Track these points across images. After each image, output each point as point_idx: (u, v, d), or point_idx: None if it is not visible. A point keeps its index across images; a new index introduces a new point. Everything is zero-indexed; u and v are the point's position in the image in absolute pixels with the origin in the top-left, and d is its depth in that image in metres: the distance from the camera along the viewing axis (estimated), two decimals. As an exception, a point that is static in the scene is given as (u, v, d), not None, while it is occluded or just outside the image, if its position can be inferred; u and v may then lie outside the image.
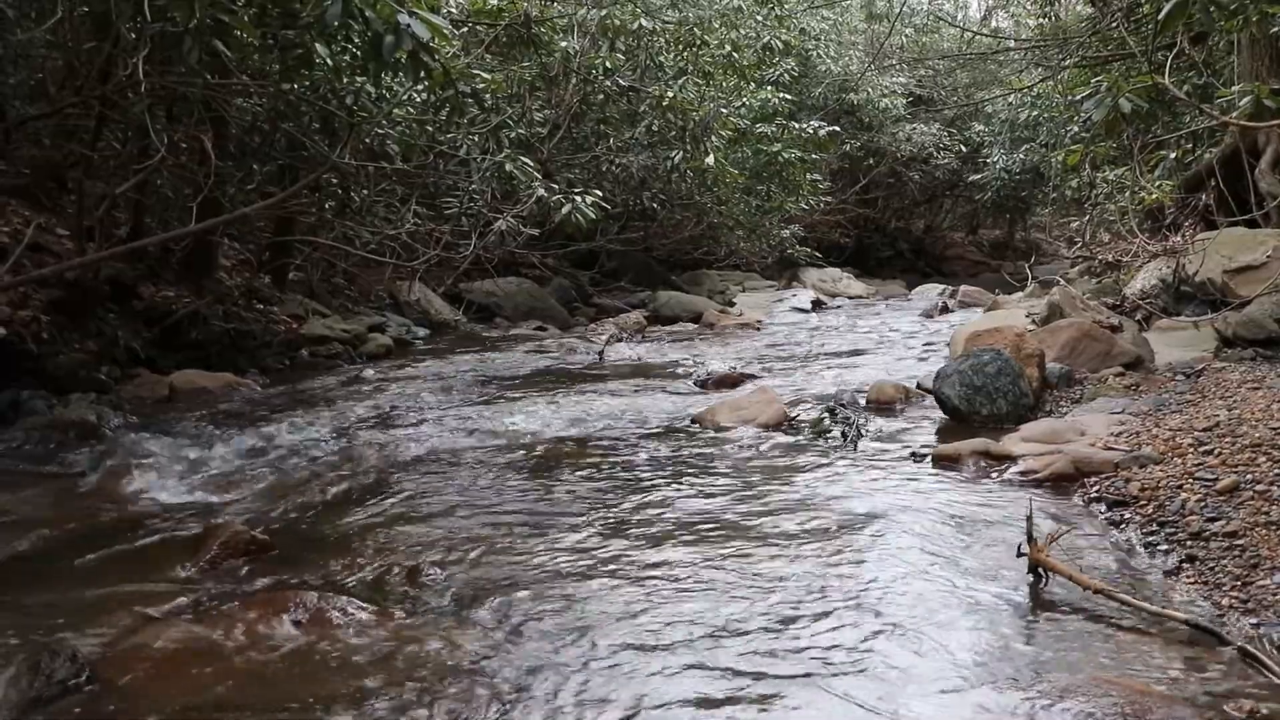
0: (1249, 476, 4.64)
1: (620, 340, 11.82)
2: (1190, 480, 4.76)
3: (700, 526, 4.77)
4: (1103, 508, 4.82)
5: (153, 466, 5.83)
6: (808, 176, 18.05)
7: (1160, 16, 5.74)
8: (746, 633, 3.53)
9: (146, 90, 7.27)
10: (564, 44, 13.15)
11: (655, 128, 14.25)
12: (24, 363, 7.09)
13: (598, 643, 3.49)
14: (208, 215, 8.15)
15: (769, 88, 16.76)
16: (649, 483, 5.56)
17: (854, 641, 3.46)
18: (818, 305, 16.51)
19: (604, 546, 4.52)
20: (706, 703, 3.08)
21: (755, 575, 4.09)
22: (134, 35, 6.79)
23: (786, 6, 18.23)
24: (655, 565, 4.25)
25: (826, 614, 3.68)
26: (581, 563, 4.32)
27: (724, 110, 14.63)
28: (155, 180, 8.86)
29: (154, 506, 5.29)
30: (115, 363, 7.90)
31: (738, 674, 3.24)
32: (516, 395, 8.11)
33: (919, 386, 7.62)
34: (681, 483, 5.54)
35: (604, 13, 13.29)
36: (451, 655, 3.43)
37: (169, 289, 8.98)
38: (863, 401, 7.51)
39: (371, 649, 3.48)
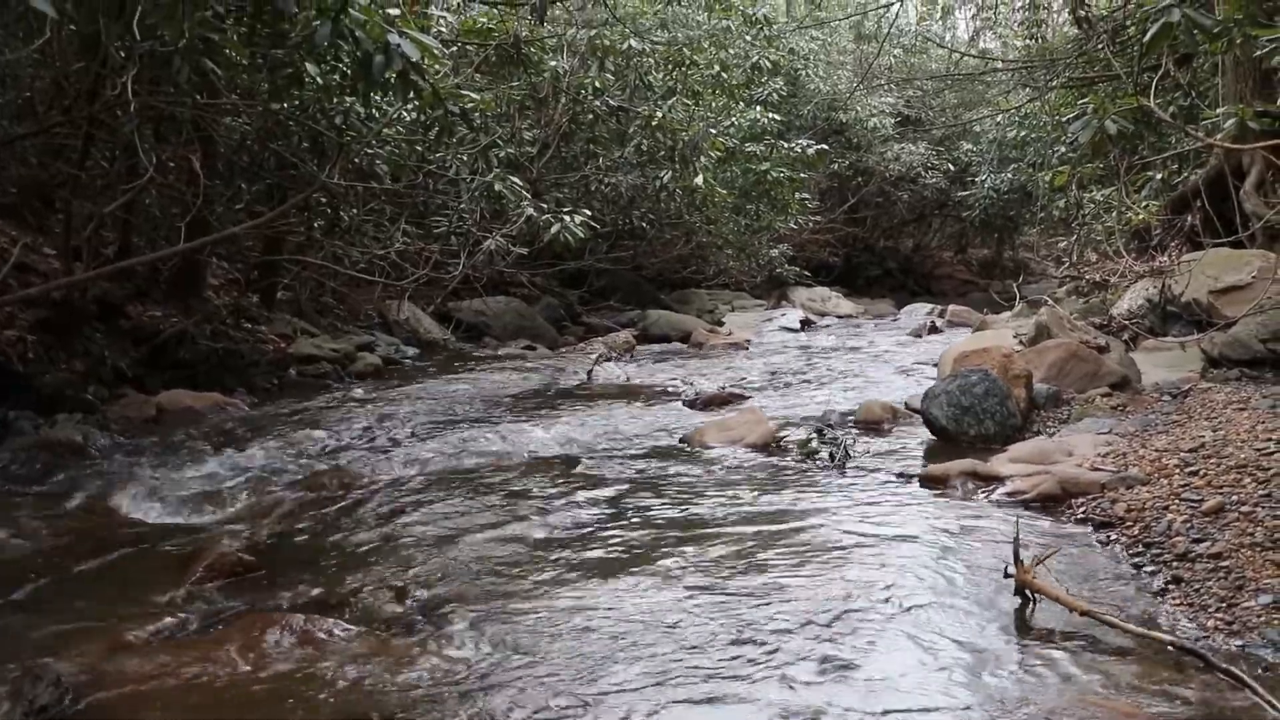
0: (1234, 498, 4.66)
1: (609, 360, 11.81)
2: (1176, 501, 4.77)
3: (687, 548, 4.76)
4: (1089, 529, 4.84)
5: (139, 487, 5.81)
6: (796, 195, 18.07)
7: (1145, 39, 5.77)
8: (729, 653, 3.53)
9: (135, 109, 7.27)
10: (553, 64, 13.19)
11: (644, 147, 14.29)
12: (10, 382, 7.07)
13: (587, 664, 3.49)
14: (196, 235, 8.14)
15: (758, 107, 16.81)
16: (637, 504, 5.55)
17: (837, 661, 3.45)
18: (806, 324, 16.53)
19: (592, 567, 4.52)
20: (693, 726, 3.08)
21: (741, 597, 4.08)
22: (122, 54, 6.79)
23: (775, 27, 18.30)
24: (642, 588, 4.24)
25: (810, 635, 3.68)
26: (569, 584, 4.31)
27: (713, 130, 14.66)
28: (143, 199, 8.85)
29: (140, 527, 5.28)
30: (102, 382, 7.87)
31: (717, 695, 3.23)
32: (505, 415, 8.11)
33: (907, 406, 7.63)
34: (669, 504, 5.54)
35: (593, 33, 13.33)
36: (439, 677, 3.42)
37: (157, 308, 8.97)
38: (851, 421, 7.52)
39: (358, 671, 3.47)
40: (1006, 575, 4.04)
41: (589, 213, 9.79)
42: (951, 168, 24.24)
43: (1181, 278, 9.16)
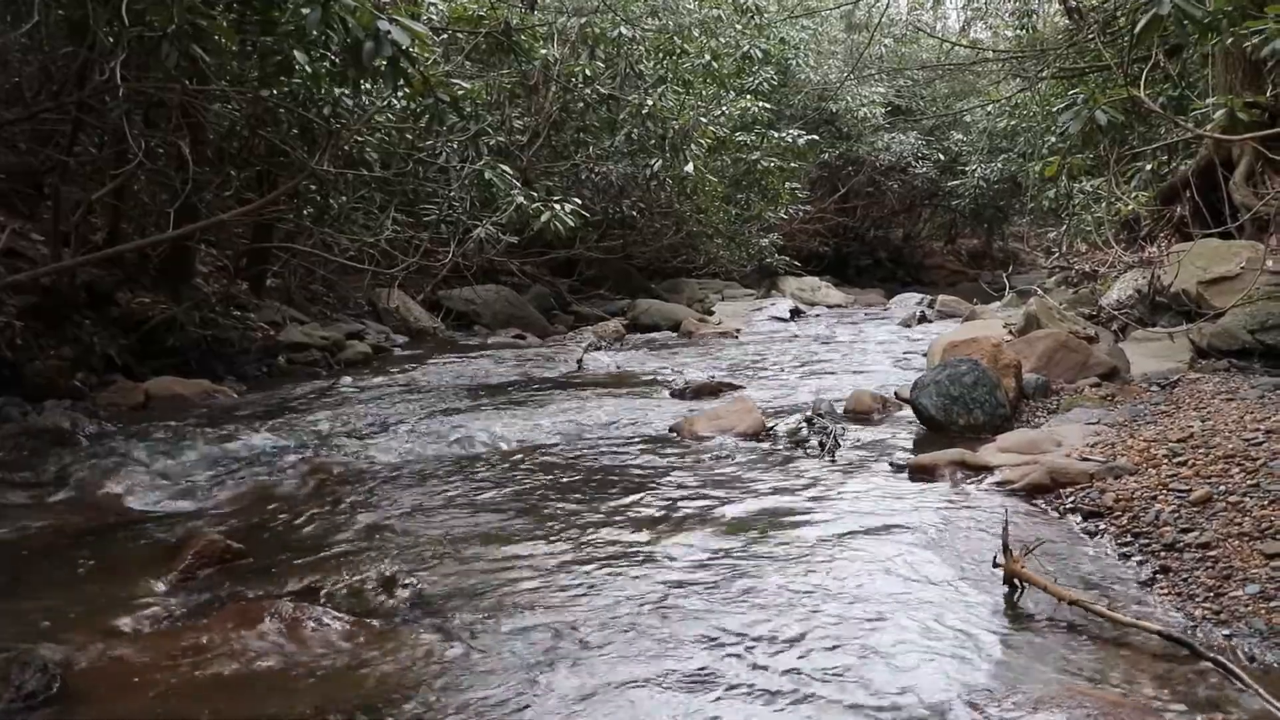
0: (1222, 488, 4.67)
1: (599, 348, 11.82)
2: (1164, 491, 4.79)
3: (677, 537, 4.77)
4: (1078, 518, 4.85)
5: (127, 474, 5.80)
6: (787, 185, 18.10)
7: (1136, 30, 5.79)
8: (716, 646, 3.53)
9: (123, 95, 7.24)
10: (544, 51, 13.15)
11: (635, 136, 14.24)
12: (-2, 369, 7.06)
13: (574, 652, 3.49)
14: (185, 221, 8.11)
15: (748, 96, 16.79)
16: (626, 493, 5.55)
17: (825, 653, 3.46)
18: (796, 314, 16.53)
19: (582, 556, 4.52)
20: (681, 716, 3.08)
21: (729, 586, 4.09)
22: (111, 40, 6.76)
23: (766, 16, 18.28)
24: (632, 577, 4.25)
25: (798, 626, 3.68)
26: (557, 572, 4.31)
27: (703, 119, 14.65)
28: (132, 186, 8.82)
29: (128, 515, 5.27)
30: (91, 369, 7.85)
31: (706, 688, 3.24)
32: (494, 404, 8.10)
33: (896, 396, 7.64)
34: (658, 493, 5.54)
35: (584, 20, 13.30)
36: (428, 665, 3.42)
37: (146, 295, 8.94)
38: (840, 411, 7.52)
39: (348, 659, 3.47)
40: (995, 564, 4.05)
41: (579, 201, 9.78)
42: (942, 158, 24.28)
43: (1171, 268, 9.19)
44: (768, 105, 17.17)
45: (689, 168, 14.21)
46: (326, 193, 10.30)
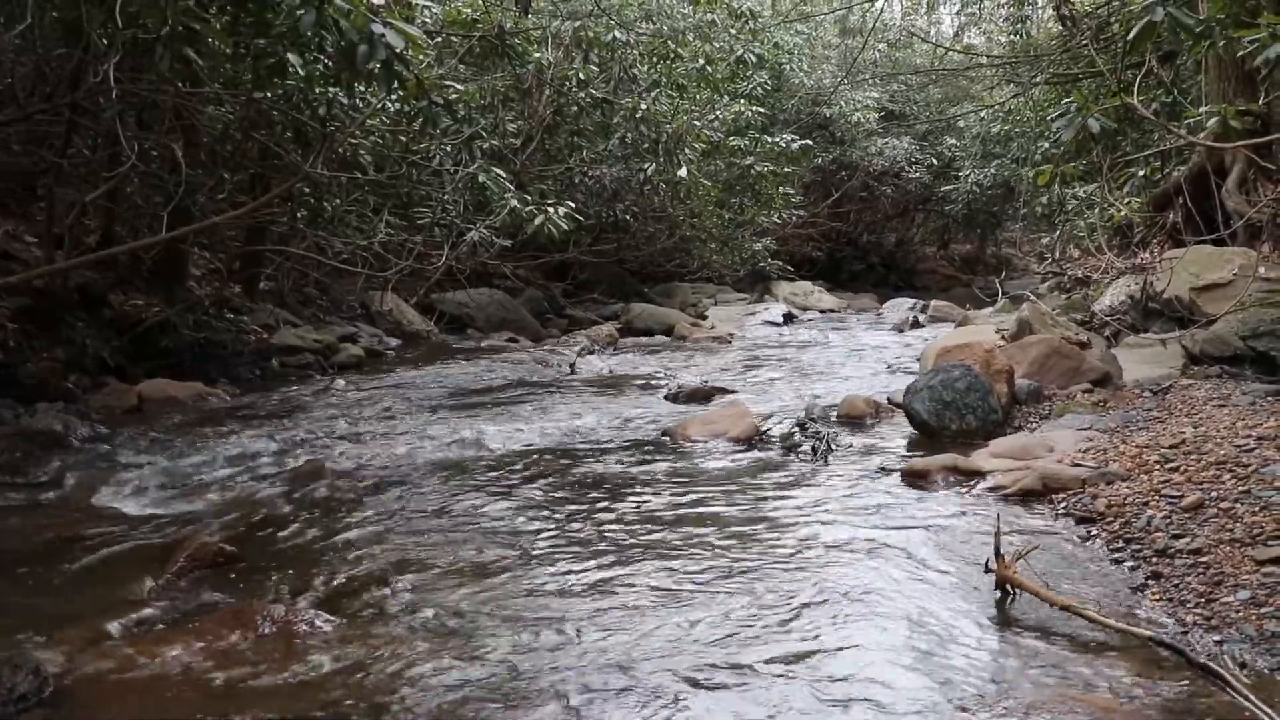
0: (1213, 494, 4.69)
1: (592, 352, 11.82)
2: (1156, 497, 4.80)
3: (669, 541, 4.77)
4: (1070, 524, 4.85)
5: (120, 477, 5.79)
6: (780, 190, 18.11)
7: (1129, 37, 5.80)
8: (706, 650, 3.53)
9: (117, 97, 7.23)
10: (538, 55, 13.16)
11: (628, 140, 14.26)
12: (-9, 371, 7.04)
13: (569, 657, 3.49)
14: (178, 224, 8.10)
15: (742, 101, 16.80)
16: (618, 497, 5.56)
17: (816, 658, 3.46)
18: (789, 318, 16.54)
19: (572, 561, 4.52)
20: (672, 713, 3.08)
21: (720, 591, 4.09)
22: (105, 42, 6.75)
23: (760, 20, 18.30)
24: (624, 580, 4.25)
25: (789, 631, 3.68)
26: (549, 577, 4.31)
27: (697, 123, 14.65)
28: (126, 188, 8.80)
29: (121, 517, 5.25)
30: (84, 371, 7.84)
31: (695, 693, 3.24)
32: (487, 407, 8.10)
33: (889, 401, 7.65)
34: (651, 497, 5.54)
35: (578, 25, 13.31)
36: (419, 668, 3.42)
37: (139, 297, 8.93)
38: (833, 416, 7.53)
39: (339, 662, 3.47)
40: (987, 569, 4.06)
41: (573, 205, 9.78)
42: (935, 163, 24.33)
43: (1163, 275, 9.21)
44: (762, 110, 17.18)
45: (683, 172, 14.22)
46: (320, 196, 10.29)
